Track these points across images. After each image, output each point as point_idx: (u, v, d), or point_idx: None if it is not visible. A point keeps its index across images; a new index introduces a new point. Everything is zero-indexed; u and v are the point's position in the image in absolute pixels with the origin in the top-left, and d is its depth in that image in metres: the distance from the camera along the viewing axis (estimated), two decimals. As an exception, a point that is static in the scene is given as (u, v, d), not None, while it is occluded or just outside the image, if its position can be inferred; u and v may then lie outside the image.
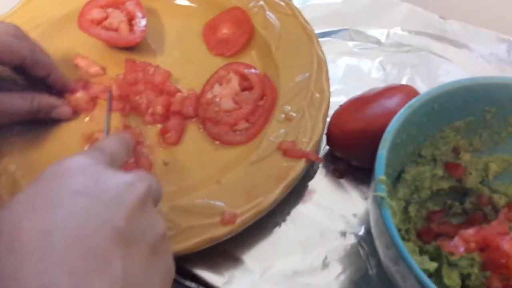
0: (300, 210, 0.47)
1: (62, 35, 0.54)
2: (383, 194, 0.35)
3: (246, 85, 0.51)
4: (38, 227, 0.25)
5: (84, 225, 0.25)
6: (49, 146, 0.48)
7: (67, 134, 0.49)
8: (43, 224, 0.25)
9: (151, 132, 0.49)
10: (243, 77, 0.51)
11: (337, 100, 0.52)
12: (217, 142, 0.48)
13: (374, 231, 0.38)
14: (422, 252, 0.39)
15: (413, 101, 0.40)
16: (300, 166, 0.44)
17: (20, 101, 0.45)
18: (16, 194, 0.27)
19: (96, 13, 0.53)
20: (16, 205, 0.26)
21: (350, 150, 0.47)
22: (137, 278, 0.26)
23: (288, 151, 0.45)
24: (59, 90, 0.49)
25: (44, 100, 0.47)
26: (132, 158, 0.46)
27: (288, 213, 0.47)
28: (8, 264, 0.24)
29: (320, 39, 0.54)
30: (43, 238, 0.24)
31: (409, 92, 0.47)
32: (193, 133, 0.49)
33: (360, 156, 0.47)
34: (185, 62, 0.54)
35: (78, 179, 0.28)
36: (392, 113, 0.41)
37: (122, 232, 0.26)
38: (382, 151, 0.37)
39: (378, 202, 0.35)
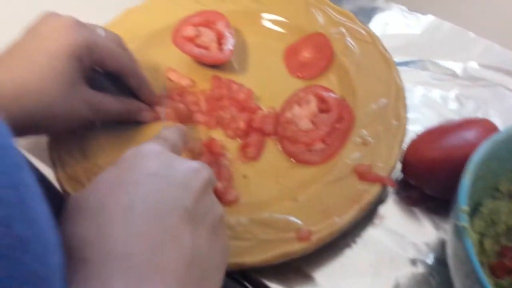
0: (371, 234, 0.48)
1: (156, 49, 0.58)
2: (466, 224, 0.35)
3: (324, 107, 0.53)
4: (121, 202, 0.28)
5: (161, 203, 0.29)
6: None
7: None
8: (125, 200, 0.29)
9: (233, 146, 0.52)
10: (321, 100, 0.53)
11: (412, 128, 0.52)
12: (293, 160, 0.50)
13: (452, 261, 0.38)
14: (496, 286, 0.39)
15: (498, 136, 0.40)
16: (375, 190, 0.46)
17: (113, 101, 0.49)
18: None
19: (190, 31, 0.56)
20: (100, 183, 0.30)
21: (426, 179, 0.48)
22: (202, 252, 0.30)
23: (363, 175, 0.47)
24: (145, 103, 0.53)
25: (134, 103, 0.51)
26: (214, 169, 0.48)
27: (359, 235, 0.48)
28: (95, 235, 0.27)
29: (397, 68, 0.55)
30: (125, 213, 0.28)
31: (487, 126, 0.47)
32: (272, 150, 0.51)
33: (435, 186, 0.48)
34: (266, 82, 0.57)
35: (154, 162, 0.31)
36: (471, 146, 0.41)
37: (190, 212, 0.30)
38: (465, 181, 0.38)
39: (460, 232, 0.35)
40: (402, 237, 0.48)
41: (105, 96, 0.48)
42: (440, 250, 0.46)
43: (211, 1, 0.62)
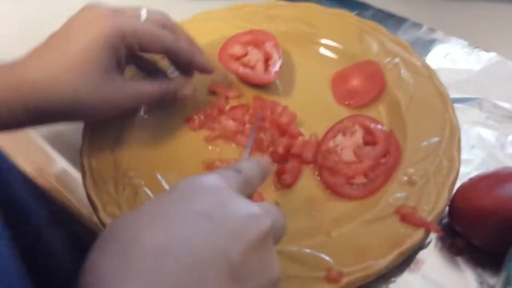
0: (406, 279, 0.44)
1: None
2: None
3: (369, 139, 0.50)
4: (155, 242, 0.24)
5: (201, 250, 0.24)
6: (169, 163, 0.50)
7: (188, 159, 0.51)
8: (160, 240, 0.24)
9: (269, 171, 0.49)
10: (368, 131, 0.50)
11: (464, 170, 0.49)
12: (331, 192, 0.47)
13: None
14: None
15: None
16: (418, 235, 0.42)
17: (151, 86, 0.48)
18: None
19: (237, 49, 0.55)
20: (140, 213, 0.26)
21: (474, 228, 0.44)
22: None
23: (407, 217, 0.43)
24: (203, 73, 0.51)
25: (171, 84, 0.50)
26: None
27: (394, 281, 0.44)
28: (114, 274, 0.23)
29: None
30: (157, 255, 0.24)
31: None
32: (308, 179, 0.49)
33: (484, 237, 0.43)
34: (310, 107, 0.54)
35: (207, 200, 0.27)
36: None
37: (235, 268, 0.25)
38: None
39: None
40: (440, 287, 0.44)
41: (142, 83, 0.48)
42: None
43: (262, 21, 0.60)
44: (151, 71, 0.52)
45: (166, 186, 0.48)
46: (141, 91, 0.47)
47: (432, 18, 0.66)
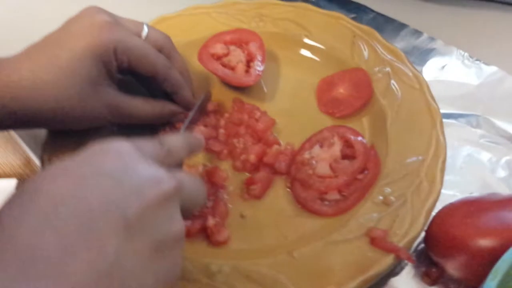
0: (376, 307, 0.41)
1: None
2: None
3: (348, 153, 0.47)
4: (54, 193, 0.26)
5: (96, 205, 0.26)
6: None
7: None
8: (59, 193, 0.26)
9: (236, 180, 0.47)
10: (347, 144, 0.47)
11: (447, 193, 0.46)
12: (301, 207, 0.45)
13: None
14: None
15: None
16: (387, 261, 0.39)
17: (143, 105, 0.47)
18: None
19: (219, 48, 0.52)
20: (48, 171, 0.27)
21: (451, 258, 0.40)
22: (130, 268, 0.26)
23: (377, 241, 0.40)
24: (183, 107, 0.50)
25: (167, 106, 0.49)
26: (210, 202, 0.44)
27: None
28: (10, 217, 0.25)
29: (444, 120, 0.48)
30: (55, 205, 0.25)
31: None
32: (278, 191, 0.46)
33: (460, 268, 0.40)
34: (292, 114, 0.52)
35: (111, 163, 0.28)
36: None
37: (130, 222, 0.26)
38: (491, 283, 0.31)
39: None
40: (411, 318, 0.41)
41: (134, 99, 0.46)
42: None
43: (251, 20, 0.58)
44: (150, 86, 0.50)
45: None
46: (131, 109, 0.46)
47: (434, 26, 0.62)
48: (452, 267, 0.41)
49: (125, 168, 0.28)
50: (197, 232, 0.42)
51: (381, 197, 0.43)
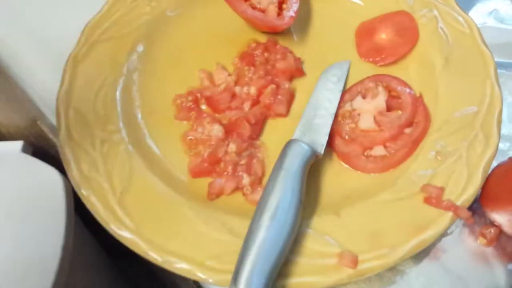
0: (422, 268, 0.38)
1: (202, 8, 0.50)
2: None
3: (394, 104, 0.42)
4: None
5: None
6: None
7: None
8: None
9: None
10: (393, 95, 0.43)
11: (502, 147, 0.42)
12: (344, 163, 0.41)
13: None
14: None
15: None
16: (445, 221, 0.35)
17: None
18: None
19: (248, -13, 0.47)
20: None
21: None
22: None
23: (432, 199, 0.36)
24: None
25: None
26: (244, 159, 0.40)
27: (408, 265, 0.38)
28: None
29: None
30: None
31: None
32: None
33: (523, 229, 0.37)
34: (328, 62, 0.47)
35: None
36: None
37: None
38: None
39: None
40: (461, 280, 0.38)
41: None
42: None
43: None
44: None
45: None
46: None
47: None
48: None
49: None
50: (233, 191, 0.38)
51: (433, 152, 0.39)
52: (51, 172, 0.37)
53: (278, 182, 0.35)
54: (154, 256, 0.34)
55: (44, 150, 0.44)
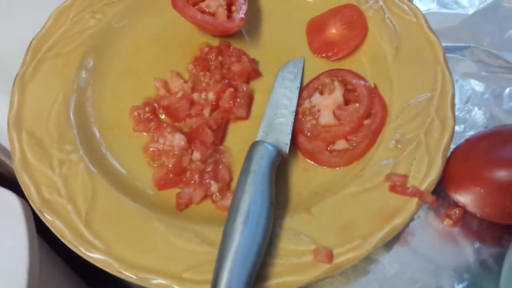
0: (394, 254, 0.39)
1: (148, 16, 0.50)
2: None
3: (351, 98, 0.43)
4: None
5: None
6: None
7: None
8: None
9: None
10: (349, 88, 0.43)
11: (457, 129, 0.43)
12: (309, 161, 0.41)
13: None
14: None
15: None
16: (412, 207, 0.36)
17: None
18: None
19: (195, -8, 0.47)
20: None
21: (474, 196, 0.38)
22: None
23: (397, 187, 0.37)
24: None
25: None
26: (210, 166, 0.39)
27: (379, 252, 0.39)
28: None
29: (445, 55, 0.45)
30: None
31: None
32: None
33: (485, 206, 0.38)
34: (281, 60, 0.47)
35: None
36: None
37: None
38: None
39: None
40: (433, 262, 0.39)
41: None
42: (478, 281, 0.38)
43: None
44: None
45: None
46: None
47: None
48: (475, 206, 0.39)
49: None
50: (202, 199, 0.38)
51: (393, 141, 0.40)
52: (8, 196, 0.36)
53: (247, 185, 0.34)
54: (129, 274, 0.33)
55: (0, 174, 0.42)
